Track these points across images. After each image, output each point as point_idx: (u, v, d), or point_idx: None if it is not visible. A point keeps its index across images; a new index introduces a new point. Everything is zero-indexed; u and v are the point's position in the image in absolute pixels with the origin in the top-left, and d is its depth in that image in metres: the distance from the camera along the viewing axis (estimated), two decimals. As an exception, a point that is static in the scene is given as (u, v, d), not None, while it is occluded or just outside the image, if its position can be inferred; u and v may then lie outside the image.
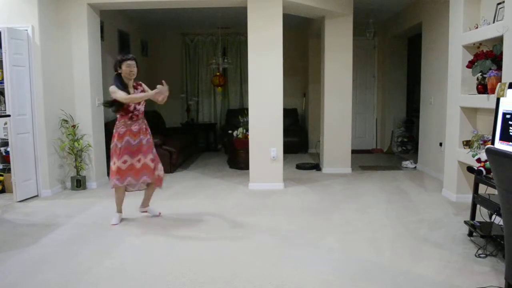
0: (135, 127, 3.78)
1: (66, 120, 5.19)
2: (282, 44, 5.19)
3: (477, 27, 4.08)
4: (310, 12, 5.93)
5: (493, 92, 3.60)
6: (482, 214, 3.49)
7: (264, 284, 2.63)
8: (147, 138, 3.84)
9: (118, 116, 3.81)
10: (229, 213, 4.24)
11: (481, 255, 3.00)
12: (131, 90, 3.78)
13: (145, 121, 3.91)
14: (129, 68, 3.71)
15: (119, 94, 3.65)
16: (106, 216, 4.13)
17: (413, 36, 7.52)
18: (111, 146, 3.82)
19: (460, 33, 4.32)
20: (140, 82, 3.93)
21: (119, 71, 3.75)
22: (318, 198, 4.79)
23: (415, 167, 6.53)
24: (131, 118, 3.77)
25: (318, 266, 2.89)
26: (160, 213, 4.14)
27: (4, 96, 4.66)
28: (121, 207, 3.97)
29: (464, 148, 4.30)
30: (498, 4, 3.86)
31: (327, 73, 6.15)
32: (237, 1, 5.25)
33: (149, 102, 3.72)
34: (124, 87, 3.72)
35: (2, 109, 4.78)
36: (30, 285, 2.65)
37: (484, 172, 3.18)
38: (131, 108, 3.74)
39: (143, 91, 3.86)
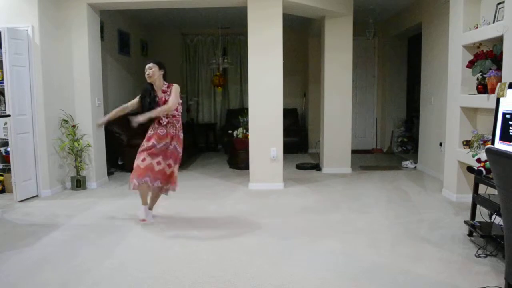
0: (161, 131, 3.76)
1: (66, 120, 5.19)
2: (282, 44, 5.19)
3: (477, 27, 4.08)
4: (310, 12, 5.93)
5: (493, 92, 3.60)
6: (482, 214, 3.49)
7: (264, 284, 2.63)
8: (174, 145, 3.78)
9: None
10: (229, 213, 4.24)
11: (481, 255, 3.00)
12: (159, 93, 3.81)
13: (177, 127, 3.82)
14: (145, 72, 3.83)
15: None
16: (106, 216, 4.14)
17: (413, 36, 7.52)
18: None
19: (460, 33, 4.32)
20: (169, 87, 3.86)
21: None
22: (318, 198, 4.79)
23: (415, 167, 6.53)
24: (158, 123, 3.78)
25: (318, 266, 2.89)
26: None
27: (4, 96, 4.66)
28: (145, 200, 3.86)
29: (464, 148, 4.30)
30: (498, 4, 3.86)
31: (327, 73, 6.15)
32: (237, 1, 5.25)
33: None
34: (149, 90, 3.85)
35: (2, 109, 4.78)
36: (30, 285, 2.65)
37: (484, 172, 3.17)
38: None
39: (168, 95, 3.80)
